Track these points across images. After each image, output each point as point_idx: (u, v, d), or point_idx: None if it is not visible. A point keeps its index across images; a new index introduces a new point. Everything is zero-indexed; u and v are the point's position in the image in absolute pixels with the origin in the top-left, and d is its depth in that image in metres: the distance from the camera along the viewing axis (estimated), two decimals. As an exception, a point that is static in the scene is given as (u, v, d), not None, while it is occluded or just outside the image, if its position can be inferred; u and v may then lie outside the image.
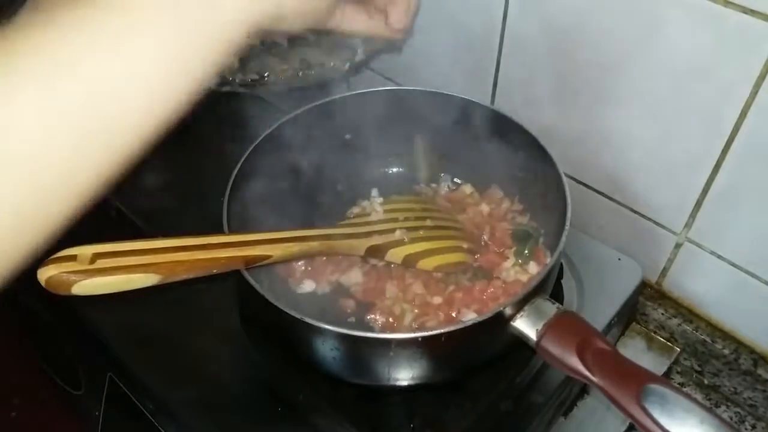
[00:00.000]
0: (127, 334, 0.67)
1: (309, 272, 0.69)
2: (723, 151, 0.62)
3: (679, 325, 0.75)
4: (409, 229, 0.68)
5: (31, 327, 0.88)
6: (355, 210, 0.76)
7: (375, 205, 0.74)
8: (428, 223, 0.70)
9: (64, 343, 0.78)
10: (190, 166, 0.86)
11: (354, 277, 0.69)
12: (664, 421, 0.46)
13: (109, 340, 0.66)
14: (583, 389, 0.72)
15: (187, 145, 0.88)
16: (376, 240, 0.66)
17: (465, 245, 0.70)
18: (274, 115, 0.71)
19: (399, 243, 0.67)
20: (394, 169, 0.82)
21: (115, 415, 0.71)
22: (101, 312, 0.68)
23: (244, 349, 0.65)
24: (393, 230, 0.68)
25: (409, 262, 0.66)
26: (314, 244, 0.60)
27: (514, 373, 0.62)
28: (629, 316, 0.76)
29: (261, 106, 0.92)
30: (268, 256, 0.56)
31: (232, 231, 0.57)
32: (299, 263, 0.69)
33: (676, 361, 0.75)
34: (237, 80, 0.80)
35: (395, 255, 0.66)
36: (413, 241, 0.67)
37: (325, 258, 0.70)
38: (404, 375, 0.56)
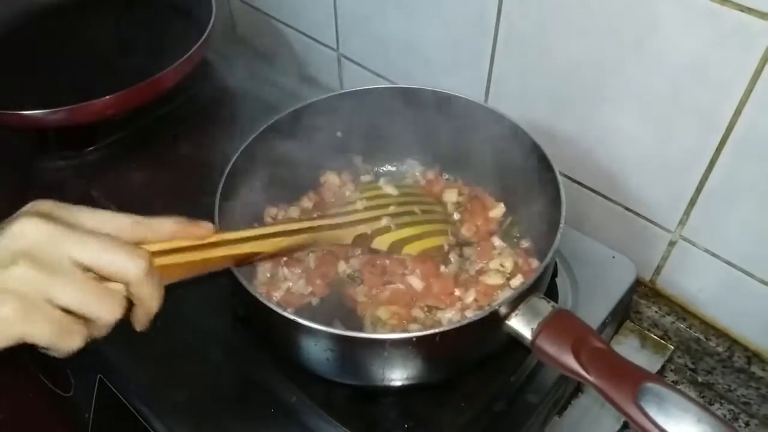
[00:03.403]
0: (117, 334, 0.66)
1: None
2: (717, 148, 0.62)
3: (673, 323, 0.75)
4: (394, 215, 0.68)
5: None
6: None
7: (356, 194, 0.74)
8: (415, 209, 0.70)
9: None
10: (179, 164, 0.85)
11: None
12: (660, 420, 0.46)
13: (98, 341, 0.65)
14: (578, 388, 0.72)
15: (178, 144, 0.87)
16: (363, 229, 0.66)
17: (447, 228, 0.70)
18: (265, 113, 0.70)
19: (385, 230, 0.67)
20: (386, 168, 0.81)
21: (105, 418, 0.71)
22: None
23: (236, 351, 0.64)
24: (379, 218, 0.68)
25: (394, 248, 0.67)
26: (302, 237, 0.60)
27: (509, 373, 0.62)
28: (623, 314, 0.76)
29: (252, 105, 0.91)
30: (259, 253, 0.56)
31: (220, 231, 0.55)
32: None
33: (669, 359, 0.76)
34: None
35: (382, 242, 0.66)
36: (399, 227, 0.67)
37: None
38: (398, 375, 0.55)
